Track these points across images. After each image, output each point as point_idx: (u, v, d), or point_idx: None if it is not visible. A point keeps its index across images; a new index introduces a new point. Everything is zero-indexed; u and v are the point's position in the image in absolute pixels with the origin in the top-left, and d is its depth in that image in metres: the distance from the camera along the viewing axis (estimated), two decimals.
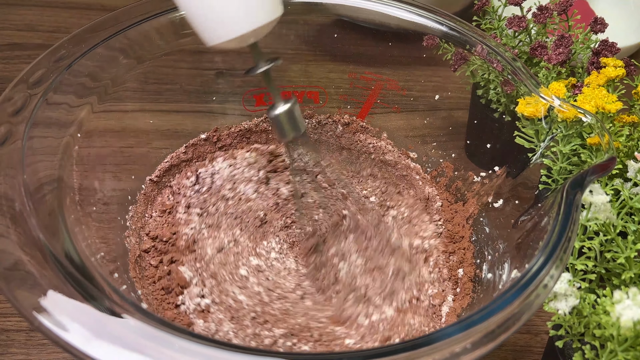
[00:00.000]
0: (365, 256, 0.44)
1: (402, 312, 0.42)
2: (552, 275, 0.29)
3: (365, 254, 0.44)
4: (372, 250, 0.45)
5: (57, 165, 0.35)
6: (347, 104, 0.55)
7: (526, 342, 0.46)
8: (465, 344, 0.26)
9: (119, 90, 0.43)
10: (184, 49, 0.48)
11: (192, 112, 0.53)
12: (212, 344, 0.25)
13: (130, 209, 0.46)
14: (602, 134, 0.35)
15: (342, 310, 0.41)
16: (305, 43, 0.53)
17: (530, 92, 0.40)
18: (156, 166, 0.50)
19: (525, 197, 0.41)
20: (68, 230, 0.31)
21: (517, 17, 0.47)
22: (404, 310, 0.42)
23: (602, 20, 0.47)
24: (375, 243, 0.45)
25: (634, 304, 0.28)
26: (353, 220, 0.46)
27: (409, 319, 0.42)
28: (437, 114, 0.53)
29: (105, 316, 0.26)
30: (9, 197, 0.31)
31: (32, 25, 0.71)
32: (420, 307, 0.43)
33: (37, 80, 0.37)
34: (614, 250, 0.35)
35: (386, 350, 0.25)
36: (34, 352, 0.43)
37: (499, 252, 0.41)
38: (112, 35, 0.41)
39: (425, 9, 0.46)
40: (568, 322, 0.33)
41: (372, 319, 0.41)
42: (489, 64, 0.44)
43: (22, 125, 0.34)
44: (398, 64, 0.53)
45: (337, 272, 0.43)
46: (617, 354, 0.30)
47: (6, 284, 0.27)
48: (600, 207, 0.33)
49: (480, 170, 0.49)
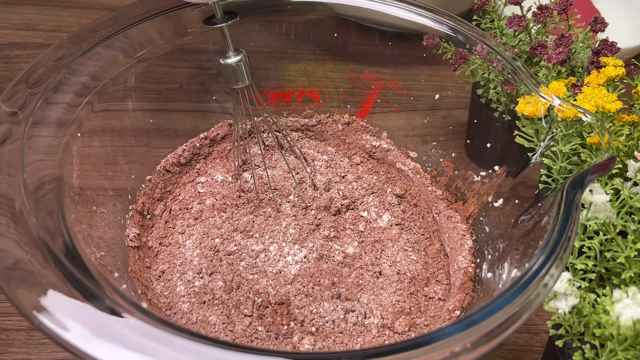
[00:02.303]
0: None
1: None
2: (552, 274, 0.29)
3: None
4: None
5: (57, 165, 0.35)
6: (347, 103, 0.55)
7: (526, 341, 0.46)
8: (465, 343, 0.26)
9: (119, 90, 0.43)
10: (184, 48, 0.48)
11: (192, 112, 0.53)
12: (212, 344, 0.25)
13: (130, 208, 0.46)
14: (602, 133, 0.35)
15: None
16: (306, 42, 0.53)
17: (530, 92, 0.40)
18: (156, 166, 0.50)
19: (525, 197, 0.41)
20: (68, 229, 0.31)
21: (517, 17, 0.47)
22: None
23: (602, 20, 0.47)
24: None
25: (633, 303, 0.28)
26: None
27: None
28: (437, 113, 0.53)
29: (105, 315, 0.26)
30: (9, 196, 0.31)
31: (31, 24, 0.71)
32: (420, 306, 0.43)
33: (37, 79, 0.37)
34: (614, 249, 0.35)
35: (386, 350, 0.25)
36: (34, 352, 0.43)
37: (499, 251, 0.41)
38: (112, 35, 0.41)
39: (426, 8, 0.46)
40: (568, 321, 0.33)
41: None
42: (489, 64, 0.44)
43: (22, 125, 0.34)
44: (398, 64, 0.53)
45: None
46: (617, 353, 0.30)
47: (6, 283, 0.27)
48: (600, 206, 0.33)
49: (480, 169, 0.49)
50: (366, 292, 0.43)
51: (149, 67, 0.45)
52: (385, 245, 0.47)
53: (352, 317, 0.41)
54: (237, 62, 0.44)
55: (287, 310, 0.41)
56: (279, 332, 0.40)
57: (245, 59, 0.44)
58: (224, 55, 0.44)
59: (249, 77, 0.45)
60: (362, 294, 0.43)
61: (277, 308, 0.41)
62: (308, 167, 0.51)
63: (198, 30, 0.46)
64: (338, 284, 0.43)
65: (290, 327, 0.40)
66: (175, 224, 0.47)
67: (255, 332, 0.40)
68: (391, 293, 0.43)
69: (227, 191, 0.49)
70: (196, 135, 0.52)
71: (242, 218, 0.47)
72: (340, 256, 0.45)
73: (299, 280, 0.43)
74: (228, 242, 0.46)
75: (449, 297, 0.44)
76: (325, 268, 0.44)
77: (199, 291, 0.42)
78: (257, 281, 0.43)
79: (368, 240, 0.47)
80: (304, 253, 0.45)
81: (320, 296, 0.42)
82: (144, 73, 0.46)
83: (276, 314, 0.41)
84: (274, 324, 0.40)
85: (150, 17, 0.43)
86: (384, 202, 0.50)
